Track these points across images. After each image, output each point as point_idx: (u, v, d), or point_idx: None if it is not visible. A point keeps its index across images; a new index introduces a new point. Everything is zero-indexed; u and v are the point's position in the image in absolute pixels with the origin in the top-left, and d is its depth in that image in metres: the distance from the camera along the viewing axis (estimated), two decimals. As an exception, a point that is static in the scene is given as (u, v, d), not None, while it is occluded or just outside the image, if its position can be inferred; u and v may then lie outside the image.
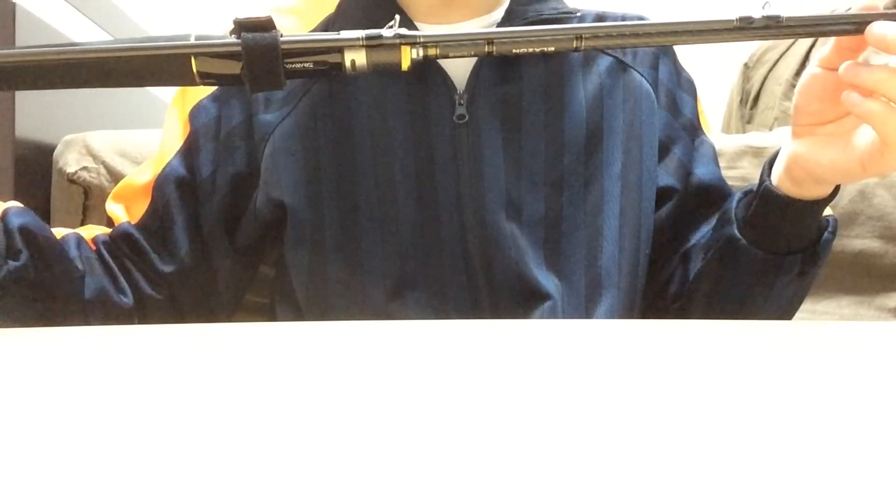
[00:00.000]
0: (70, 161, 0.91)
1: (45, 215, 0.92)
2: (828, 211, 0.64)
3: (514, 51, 0.53)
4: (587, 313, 0.69)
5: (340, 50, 0.52)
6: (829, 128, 0.58)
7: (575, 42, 0.53)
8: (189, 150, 0.71)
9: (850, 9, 0.57)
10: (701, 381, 0.33)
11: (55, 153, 0.92)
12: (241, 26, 0.51)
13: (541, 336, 0.45)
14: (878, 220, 0.95)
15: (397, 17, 0.53)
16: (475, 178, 0.68)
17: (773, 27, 0.53)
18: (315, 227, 0.69)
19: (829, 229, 0.64)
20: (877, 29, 0.51)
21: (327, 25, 0.73)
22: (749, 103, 1.66)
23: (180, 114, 0.73)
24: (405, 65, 0.53)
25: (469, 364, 0.36)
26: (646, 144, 0.72)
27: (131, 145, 0.92)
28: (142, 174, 0.73)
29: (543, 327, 0.52)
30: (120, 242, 0.71)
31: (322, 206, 0.69)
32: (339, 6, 0.73)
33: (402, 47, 0.52)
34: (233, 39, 0.52)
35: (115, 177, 0.90)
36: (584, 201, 0.70)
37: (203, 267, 0.72)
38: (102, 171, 0.91)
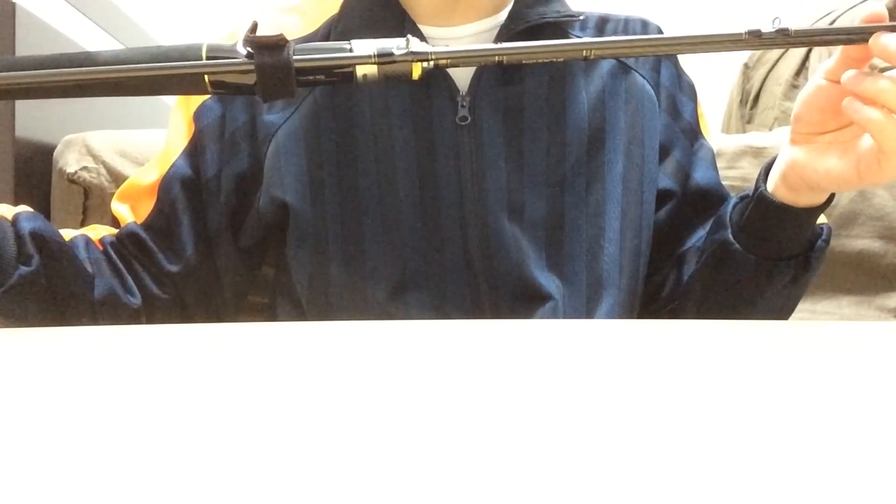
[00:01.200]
0: (70, 161, 0.91)
1: (46, 215, 0.91)
2: (822, 219, 0.65)
3: (523, 62, 0.54)
4: (588, 314, 0.69)
5: (353, 66, 0.53)
6: (828, 137, 0.58)
7: (584, 53, 0.53)
8: (194, 150, 0.72)
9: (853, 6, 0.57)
10: (701, 382, 0.33)
11: (55, 153, 0.92)
12: (254, 45, 0.51)
13: (542, 336, 0.45)
14: (878, 220, 0.95)
15: (409, 36, 0.53)
16: (477, 179, 0.68)
17: (780, 39, 0.53)
18: (317, 227, 0.69)
19: (823, 237, 0.65)
20: (881, 39, 0.51)
21: (331, 26, 0.73)
22: (749, 103, 1.66)
23: (185, 113, 0.73)
24: (416, 74, 0.53)
25: (470, 364, 0.36)
26: (647, 146, 0.72)
27: (131, 145, 0.92)
28: (147, 174, 0.73)
29: (544, 327, 0.52)
30: (127, 242, 0.71)
31: (324, 206, 0.69)
32: (342, 6, 0.73)
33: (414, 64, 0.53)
34: (245, 59, 0.52)
35: (115, 177, 0.90)
36: (585, 202, 0.70)
37: (209, 267, 0.72)
38: (102, 171, 0.91)
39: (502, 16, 0.72)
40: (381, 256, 0.69)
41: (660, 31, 0.77)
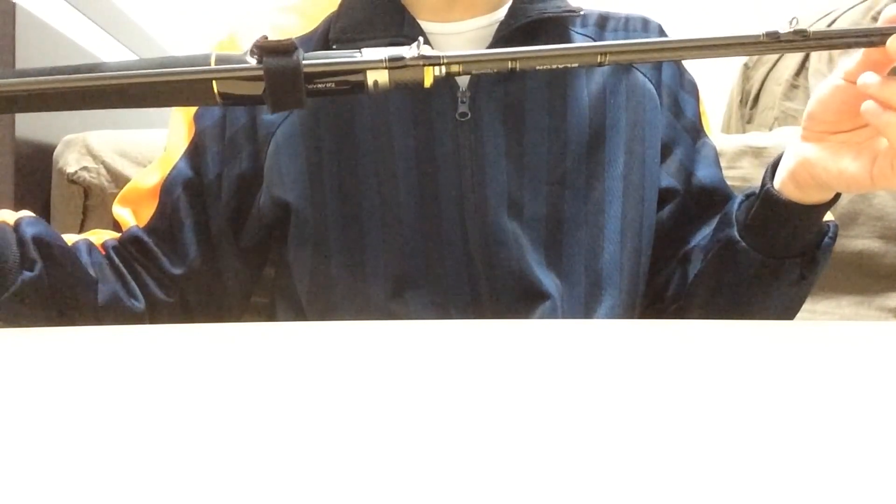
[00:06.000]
0: (70, 161, 0.91)
1: (46, 215, 0.91)
2: (829, 216, 0.64)
3: (537, 67, 0.53)
4: (587, 313, 0.69)
5: (363, 70, 0.52)
6: (841, 137, 0.57)
7: (599, 58, 0.53)
8: (195, 152, 0.71)
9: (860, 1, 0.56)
10: (701, 382, 0.33)
11: (55, 153, 0.92)
12: (263, 50, 0.51)
13: (542, 336, 0.45)
14: (878, 220, 0.95)
15: (420, 38, 0.53)
16: (477, 175, 0.68)
17: (798, 41, 0.52)
18: (317, 225, 0.69)
19: (830, 234, 0.64)
20: None
21: (329, 23, 0.73)
22: (749, 103, 1.65)
23: (185, 115, 0.73)
24: (428, 82, 0.53)
25: (470, 364, 0.36)
26: (648, 145, 0.72)
27: (131, 145, 0.92)
28: (148, 177, 0.73)
29: (544, 327, 0.52)
30: (129, 246, 0.71)
31: (324, 204, 0.69)
32: (341, 4, 0.73)
33: (426, 67, 0.52)
34: (254, 64, 0.51)
35: (115, 177, 0.90)
36: (586, 201, 0.70)
37: (212, 268, 0.72)
38: (102, 171, 0.91)
39: (502, 11, 0.72)
40: (381, 254, 0.69)
41: (660, 30, 0.77)
